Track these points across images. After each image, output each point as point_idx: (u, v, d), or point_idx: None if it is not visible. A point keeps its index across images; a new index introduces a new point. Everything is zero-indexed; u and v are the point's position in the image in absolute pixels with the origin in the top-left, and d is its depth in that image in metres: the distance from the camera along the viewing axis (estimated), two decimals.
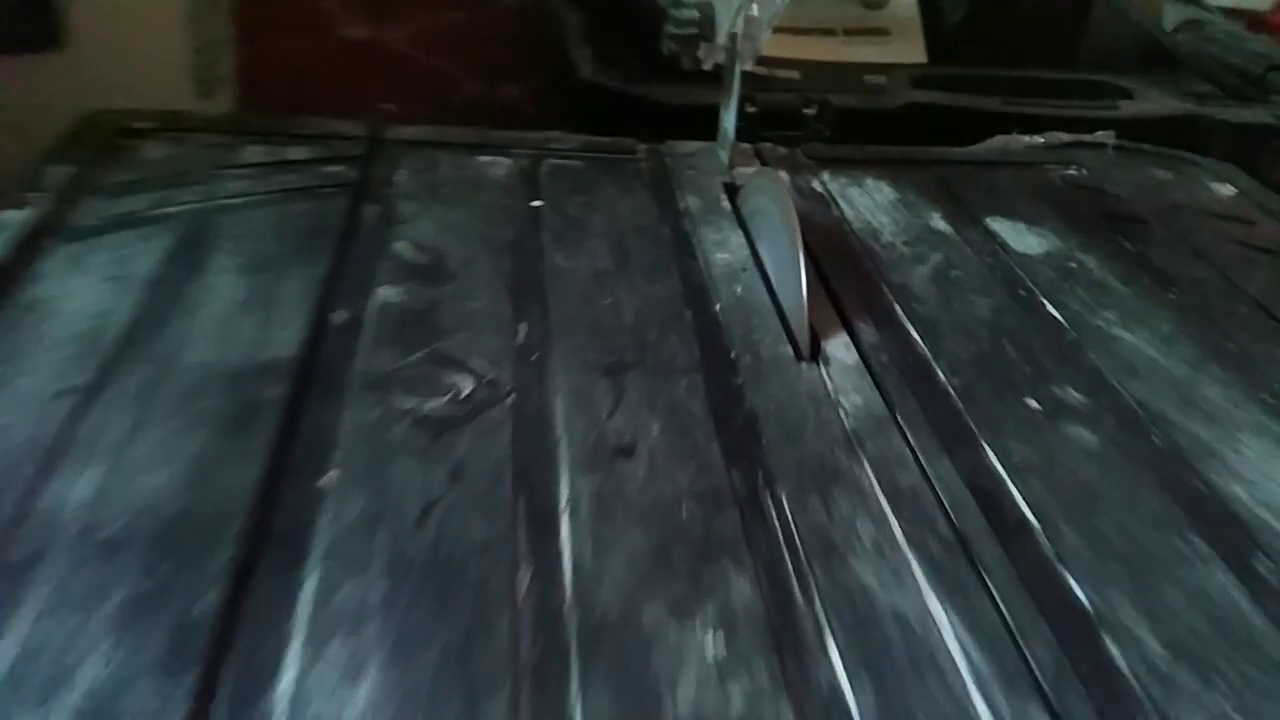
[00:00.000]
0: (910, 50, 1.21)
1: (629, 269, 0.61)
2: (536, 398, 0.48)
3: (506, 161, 0.72)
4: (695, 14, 0.69)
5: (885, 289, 0.61)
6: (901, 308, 0.60)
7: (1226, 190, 0.82)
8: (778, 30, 1.26)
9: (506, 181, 0.70)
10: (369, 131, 0.74)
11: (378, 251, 0.59)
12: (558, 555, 0.39)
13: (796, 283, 0.56)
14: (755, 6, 0.69)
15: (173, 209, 0.61)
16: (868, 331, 0.57)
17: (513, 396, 0.48)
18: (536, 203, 0.67)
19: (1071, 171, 0.81)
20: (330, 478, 0.42)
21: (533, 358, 0.51)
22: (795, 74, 1.11)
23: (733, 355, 0.53)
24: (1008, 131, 1.01)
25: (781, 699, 0.35)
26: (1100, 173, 0.81)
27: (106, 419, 0.44)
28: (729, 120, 0.74)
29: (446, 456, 0.44)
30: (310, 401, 0.46)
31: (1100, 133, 0.88)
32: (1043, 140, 0.88)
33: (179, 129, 0.71)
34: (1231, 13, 1.41)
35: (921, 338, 0.57)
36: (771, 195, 0.64)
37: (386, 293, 0.55)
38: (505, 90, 1.42)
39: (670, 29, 0.69)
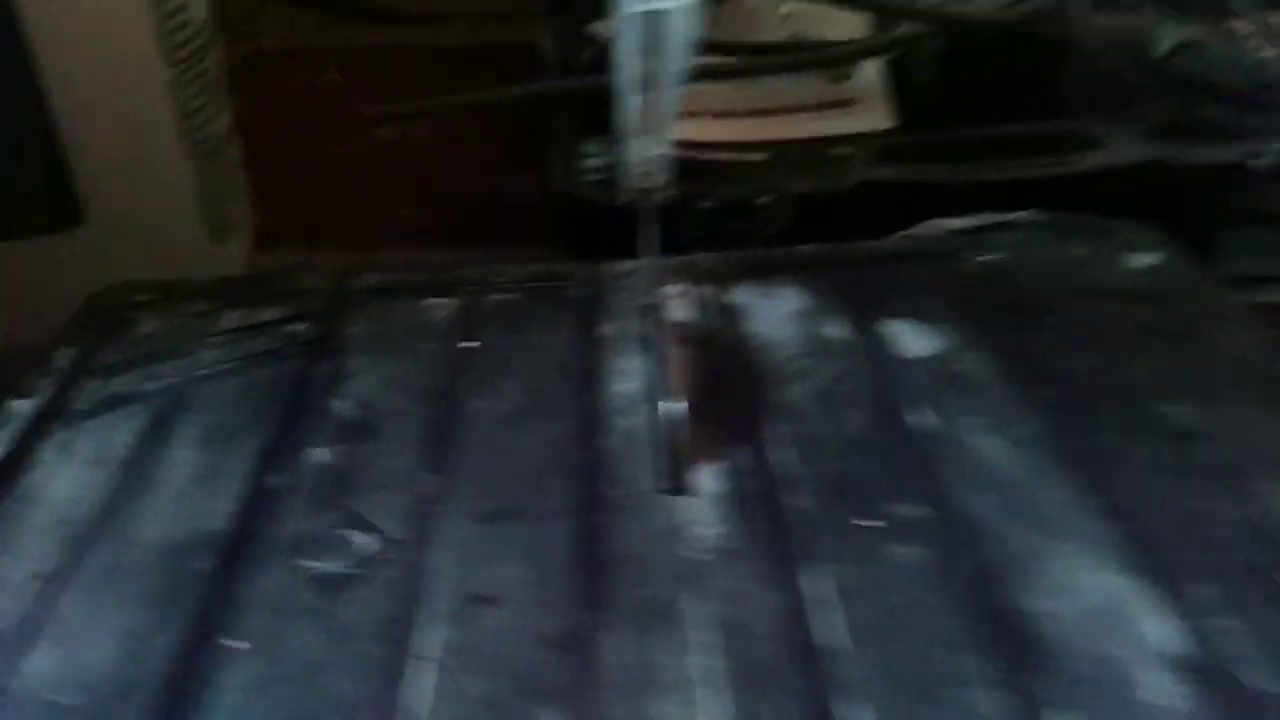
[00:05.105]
0: (874, 117, 1.26)
1: (536, 410, 0.69)
2: (423, 553, 0.57)
3: (450, 304, 0.81)
4: (607, 158, 0.77)
5: (770, 411, 0.68)
6: (779, 430, 0.66)
7: (1143, 261, 0.85)
8: (749, 113, 1.34)
9: (446, 324, 0.79)
10: (334, 284, 0.84)
11: (321, 412, 0.69)
12: (413, 708, 0.48)
13: (669, 413, 0.64)
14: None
15: (154, 385, 0.72)
16: (743, 458, 0.64)
17: (402, 552, 0.57)
18: (467, 345, 0.76)
19: (986, 258, 0.86)
20: (238, 644, 0.51)
21: (430, 512, 0.60)
22: (761, 156, 1.17)
23: (606, 493, 0.61)
24: (971, 201, 1.05)
25: None
26: (1015, 256, 0.86)
27: (69, 599, 0.54)
28: (649, 236, 0.82)
29: (334, 615, 0.53)
30: (231, 570, 0.56)
31: (1027, 212, 0.92)
32: (970, 223, 0.92)
33: (171, 298, 0.82)
34: None
35: (786, 461, 0.63)
36: (674, 316, 0.72)
37: (319, 455, 0.65)
38: (514, 188, 1.48)
39: (589, 177, 0.77)
